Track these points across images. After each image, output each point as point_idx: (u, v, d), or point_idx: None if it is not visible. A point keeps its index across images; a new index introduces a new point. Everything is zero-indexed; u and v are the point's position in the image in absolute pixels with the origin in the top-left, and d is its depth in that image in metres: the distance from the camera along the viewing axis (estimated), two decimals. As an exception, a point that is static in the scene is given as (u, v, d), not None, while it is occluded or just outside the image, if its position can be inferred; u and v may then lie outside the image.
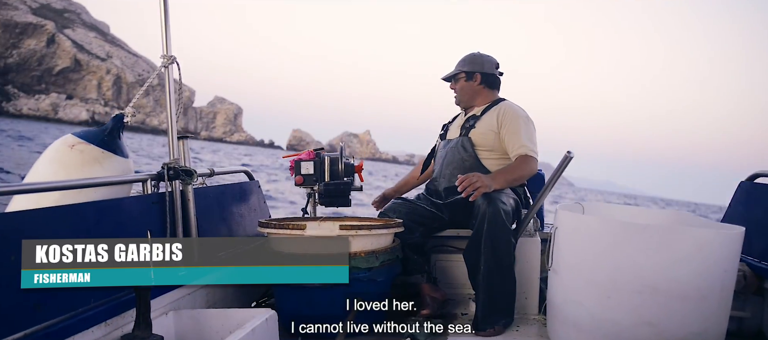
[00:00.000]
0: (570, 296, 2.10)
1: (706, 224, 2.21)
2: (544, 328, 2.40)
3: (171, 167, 2.23)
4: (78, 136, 2.18)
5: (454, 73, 2.83)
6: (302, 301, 2.32)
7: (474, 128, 2.74)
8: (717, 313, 1.92)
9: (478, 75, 2.79)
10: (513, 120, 2.66)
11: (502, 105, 2.75)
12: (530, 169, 2.61)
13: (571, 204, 2.40)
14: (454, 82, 2.85)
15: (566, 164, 2.34)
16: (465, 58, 2.84)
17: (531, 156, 2.61)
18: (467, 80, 2.80)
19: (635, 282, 1.91)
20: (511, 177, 2.60)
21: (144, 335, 1.83)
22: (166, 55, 2.23)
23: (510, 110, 2.71)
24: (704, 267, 1.86)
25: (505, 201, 2.48)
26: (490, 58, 2.84)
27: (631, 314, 1.92)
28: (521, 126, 2.65)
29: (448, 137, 2.86)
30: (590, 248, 2.03)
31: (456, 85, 2.84)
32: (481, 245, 2.43)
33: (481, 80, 2.80)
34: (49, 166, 2.12)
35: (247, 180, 3.16)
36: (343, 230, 2.31)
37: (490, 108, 2.77)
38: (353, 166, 2.88)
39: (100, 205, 1.96)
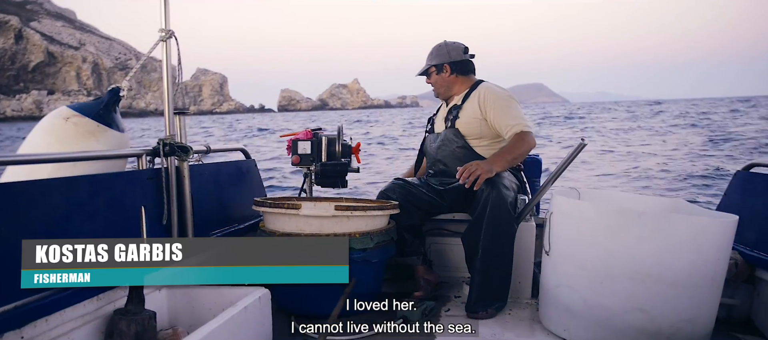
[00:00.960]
0: (563, 281, 2.11)
1: (701, 212, 2.22)
2: (537, 312, 2.42)
3: (167, 143, 2.22)
4: (73, 108, 2.16)
5: (425, 69, 2.84)
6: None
7: (458, 119, 2.73)
8: (708, 300, 1.93)
9: (446, 66, 2.79)
10: (495, 102, 2.65)
11: (481, 89, 2.73)
12: (528, 144, 2.59)
13: (567, 189, 2.40)
14: (427, 77, 2.86)
15: (578, 152, 2.32)
16: (432, 52, 2.84)
17: (526, 131, 2.59)
18: (438, 73, 2.81)
19: (628, 268, 1.92)
20: (511, 156, 2.58)
21: (136, 310, 1.83)
22: (165, 29, 2.20)
23: (489, 93, 2.69)
24: (697, 255, 1.87)
25: (508, 186, 2.49)
26: (456, 45, 2.83)
27: (624, 300, 1.93)
28: (506, 105, 2.64)
29: (436, 131, 2.86)
30: (584, 233, 2.03)
31: (430, 79, 2.86)
32: (481, 229, 2.43)
33: (452, 70, 2.79)
34: (43, 137, 2.10)
35: (244, 159, 3.15)
36: (338, 210, 2.30)
37: (470, 94, 2.75)
38: (350, 147, 2.87)
39: (95, 179, 1.95)
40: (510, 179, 2.61)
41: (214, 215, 2.64)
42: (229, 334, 1.77)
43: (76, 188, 1.84)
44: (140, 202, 2.08)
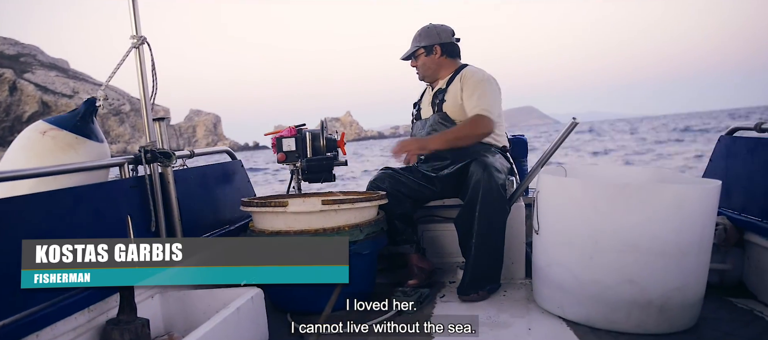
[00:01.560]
0: (553, 259, 2.12)
1: (684, 179, 2.23)
2: (531, 292, 2.43)
3: (148, 150, 2.20)
4: (49, 122, 2.13)
5: (413, 50, 2.81)
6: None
7: (445, 102, 2.72)
8: (697, 267, 1.94)
9: (437, 47, 2.77)
10: (472, 83, 2.65)
11: (464, 71, 2.73)
12: (480, 128, 2.57)
13: (554, 167, 2.41)
14: (414, 59, 2.82)
15: (571, 130, 2.33)
16: (421, 33, 2.81)
17: (484, 115, 2.57)
18: (427, 55, 2.78)
19: (616, 241, 1.93)
20: (454, 136, 2.59)
21: (129, 319, 1.82)
22: (136, 36, 2.17)
23: (469, 74, 2.70)
24: (683, 223, 1.87)
25: (499, 168, 2.49)
26: (445, 27, 2.81)
27: (613, 273, 1.94)
28: (479, 87, 2.63)
29: (422, 117, 2.84)
30: (571, 209, 2.04)
31: (417, 62, 2.82)
32: (475, 213, 2.43)
33: (442, 52, 2.78)
34: (20, 153, 2.08)
35: (230, 160, 3.13)
36: (325, 205, 2.30)
37: (454, 78, 2.75)
38: (335, 141, 2.86)
39: (77, 191, 1.93)
40: (501, 161, 2.61)
41: (202, 219, 2.63)
42: (223, 335, 1.77)
43: (58, 202, 1.83)
44: (126, 211, 2.07)
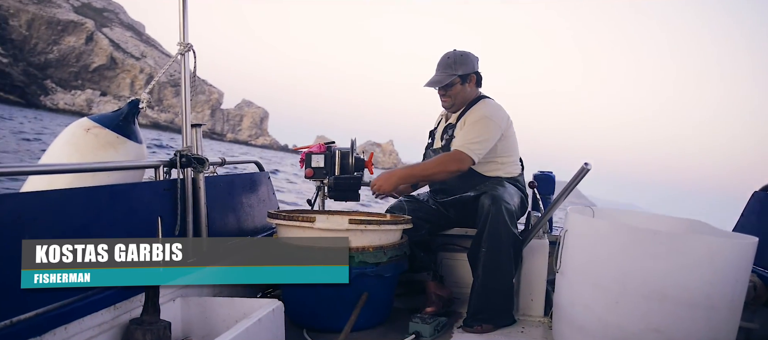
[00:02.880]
0: (577, 300, 2.09)
1: (719, 232, 2.19)
2: (550, 331, 2.40)
3: (183, 155, 2.24)
4: (93, 119, 2.20)
5: (450, 81, 2.63)
6: (309, 293, 2.32)
7: (455, 138, 2.65)
8: (726, 323, 1.90)
9: (473, 76, 2.68)
10: (472, 120, 2.59)
11: (474, 108, 2.65)
12: (455, 165, 2.51)
13: (582, 207, 2.39)
14: (448, 89, 2.66)
15: (582, 176, 2.31)
16: (454, 61, 2.66)
17: (463, 153, 2.51)
18: (462, 84, 2.66)
19: (644, 288, 1.89)
20: (425, 171, 2.59)
21: (152, 320, 1.84)
22: (183, 43, 2.23)
23: (475, 112, 2.61)
24: (715, 276, 1.84)
25: (509, 201, 2.47)
26: (473, 55, 2.71)
27: (639, 319, 1.91)
28: (475, 125, 2.57)
29: (434, 146, 2.81)
30: (599, 251, 2.01)
31: (451, 91, 2.66)
32: (481, 245, 2.43)
33: (476, 81, 2.71)
34: (64, 148, 2.14)
35: (258, 171, 3.17)
36: (352, 224, 2.31)
37: (465, 112, 2.67)
38: (363, 161, 2.88)
39: (113, 189, 1.97)
40: (511, 191, 2.57)
41: (228, 226, 2.66)
42: (244, 346, 1.77)
43: (95, 198, 1.87)
44: (157, 212, 2.10)
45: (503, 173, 2.70)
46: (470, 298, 2.48)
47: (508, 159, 2.71)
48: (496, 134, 2.59)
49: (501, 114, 2.65)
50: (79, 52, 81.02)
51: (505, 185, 2.62)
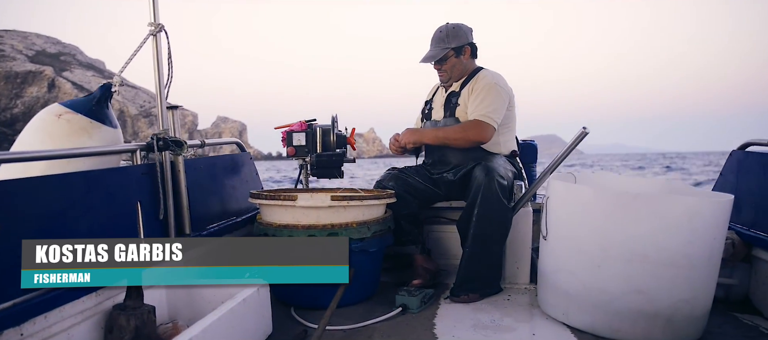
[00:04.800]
0: (561, 265, 2.12)
1: (696, 192, 2.22)
2: (535, 297, 2.42)
3: (160, 138, 2.20)
4: (65, 105, 2.14)
5: (443, 54, 2.66)
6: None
7: (459, 107, 2.67)
8: (705, 280, 1.94)
9: (467, 48, 2.69)
10: (481, 88, 2.61)
11: (478, 76, 2.68)
12: (473, 133, 2.55)
13: (563, 174, 2.40)
14: (442, 63, 2.68)
15: (580, 139, 2.31)
16: (448, 34, 2.67)
17: (484, 122, 2.54)
18: (457, 56, 2.68)
19: (625, 250, 1.92)
20: (445, 135, 2.61)
21: (135, 305, 1.83)
22: (154, 23, 2.18)
23: (482, 80, 2.64)
24: (693, 235, 1.87)
25: (503, 175, 2.48)
26: (467, 26, 2.72)
27: (621, 282, 1.94)
28: (483, 92, 2.59)
29: (433, 118, 2.79)
30: (581, 217, 2.03)
31: (446, 65, 2.68)
32: (473, 215, 2.44)
33: (471, 52, 2.72)
34: (35, 135, 2.08)
35: (239, 152, 3.14)
36: (334, 200, 2.30)
37: (468, 81, 2.69)
38: (345, 138, 2.86)
39: (89, 175, 1.93)
40: (505, 166, 2.59)
41: (210, 209, 2.63)
42: (229, 326, 1.77)
43: (70, 185, 1.83)
44: (136, 197, 2.07)
45: (504, 150, 2.71)
46: (459, 267, 2.50)
47: (509, 134, 2.73)
48: (506, 101, 2.64)
49: (507, 84, 2.68)
50: (43, 101, 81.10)
51: (500, 159, 2.62)
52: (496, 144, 2.69)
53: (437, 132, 2.64)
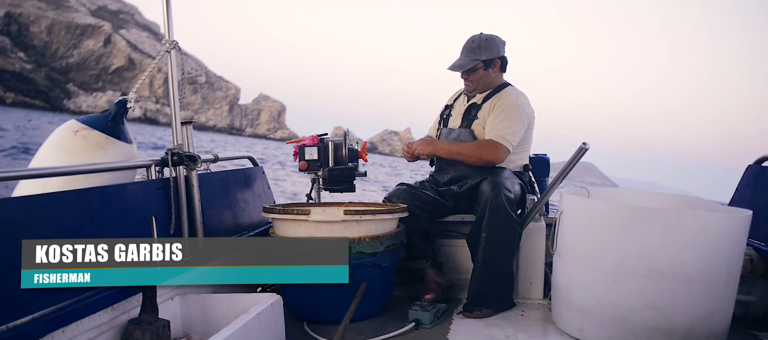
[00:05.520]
0: (575, 281, 2.10)
1: (713, 207, 2.20)
2: (549, 313, 2.40)
3: (175, 153, 2.23)
4: (81, 121, 2.18)
5: (472, 65, 2.63)
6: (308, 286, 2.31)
7: (477, 120, 2.65)
8: (723, 297, 1.91)
9: (497, 61, 2.66)
10: (503, 107, 2.58)
11: (502, 93, 2.65)
12: (492, 154, 2.54)
13: (576, 188, 2.39)
14: (470, 73, 2.66)
15: (581, 156, 2.31)
16: (480, 45, 2.64)
17: (500, 143, 2.53)
18: (486, 69, 2.64)
19: (641, 266, 1.90)
20: (458, 150, 2.59)
21: (151, 319, 1.84)
22: (169, 41, 2.21)
23: (505, 98, 2.61)
24: (710, 251, 1.85)
25: (509, 188, 2.47)
26: (500, 39, 2.69)
27: (637, 298, 1.92)
28: (508, 114, 2.56)
29: (450, 126, 2.78)
30: (596, 231, 2.02)
31: (473, 75, 2.66)
32: (481, 230, 2.43)
33: (500, 66, 2.69)
34: (53, 151, 2.12)
35: (252, 166, 3.16)
36: (347, 215, 2.30)
37: (491, 96, 2.66)
38: (357, 152, 2.87)
39: (105, 190, 1.96)
40: (512, 179, 2.57)
41: (223, 223, 2.65)
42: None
43: (87, 200, 1.86)
44: (150, 212, 2.09)
45: (513, 166, 2.69)
46: (470, 283, 2.48)
47: (523, 153, 2.71)
48: (526, 124, 2.62)
49: (529, 105, 2.66)
50: (98, 55, 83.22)
51: (507, 173, 2.60)
52: (508, 160, 2.65)
53: (451, 146, 2.63)
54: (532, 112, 2.68)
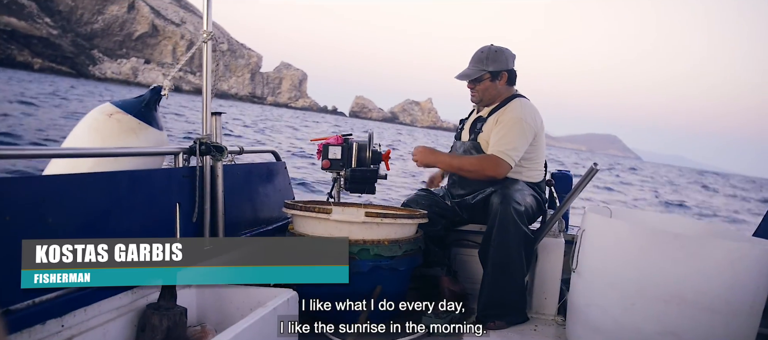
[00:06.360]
0: (593, 300, 2.08)
1: (739, 237, 2.16)
2: (562, 329, 2.38)
3: (203, 143, 2.26)
4: (116, 105, 2.22)
5: (478, 75, 2.63)
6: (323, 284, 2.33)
7: (482, 133, 2.64)
8: (745, 328, 1.88)
9: (504, 74, 2.64)
10: (506, 121, 2.56)
11: (508, 106, 2.62)
12: (493, 169, 2.51)
13: (598, 207, 2.37)
14: (476, 83, 2.65)
15: (591, 177, 2.30)
16: (488, 56, 2.63)
17: (501, 159, 2.50)
18: (492, 80, 2.63)
19: (662, 290, 1.88)
20: (460, 164, 2.60)
21: (169, 306, 1.87)
22: (207, 32, 2.24)
23: (510, 112, 2.58)
24: (735, 281, 1.82)
25: (519, 201, 2.44)
26: (510, 52, 2.68)
27: (656, 322, 1.89)
28: (510, 129, 2.54)
29: (462, 139, 2.78)
30: (617, 252, 2.00)
31: (479, 86, 2.65)
32: (490, 243, 2.43)
33: (508, 78, 2.67)
34: (87, 133, 2.17)
35: (275, 161, 3.18)
36: (368, 216, 2.31)
37: (497, 110, 2.64)
38: (380, 154, 2.88)
39: (133, 174, 1.99)
40: (523, 191, 2.54)
41: (244, 215, 2.68)
42: (258, 335, 1.79)
43: (115, 182, 1.89)
44: (175, 199, 2.12)
45: (524, 178, 2.66)
46: (480, 294, 2.48)
47: (532, 164, 2.67)
48: (530, 138, 2.57)
49: (535, 117, 2.61)
50: (122, 21, 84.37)
51: (519, 185, 2.58)
52: (517, 173, 2.62)
53: (452, 160, 2.63)
54: (540, 123, 2.63)
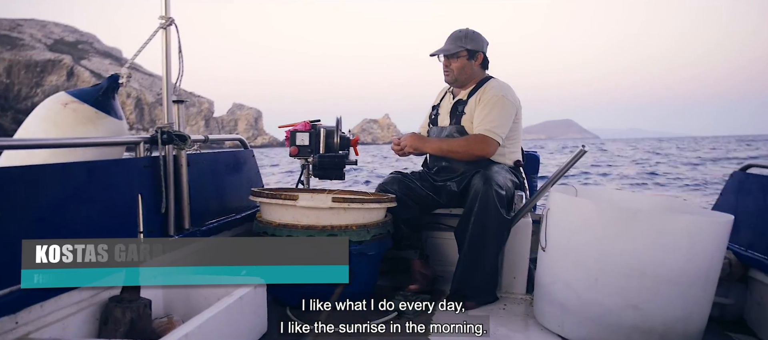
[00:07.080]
0: (558, 277, 2.12)
1: (696, 211, 2.23)
2: (531, 308, 2.43)
3: (164, 131, 2.21)
4: (72, 94, 2.14)
5: (456, 50, 2.65)
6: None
7: (464, 115, 2.67)
8: (701, 298, 1.94)
9: (480, 55, 2.69)
10: (488, 100, 2.60)
11: (486, 86, 2.66)
12: (481, 149, 2.56)
13: (564, 186, 2.41)
14: (452, 59, 2.67)
15: (578, 158, 2.32)
16: (466, 35, 2.67)
17: (489, 137, 2.55)
18: (469, 59, 2.67)
19: (623, 266, 1.92)
20: (449, 147, 2.61)
21: (132, 298, 1.83)
22: (165, 17, 2.18)
23: (490, 91, 2.63)
24: (692, 253, 1.87)
25: (501, 184, 2.48)
26: (485, 38, 2.73)
27: (618, 297, 1.94)
28: (493, 106, 2.58)
29: (439, 124, 2.79)
30: (581, 230, 2.04)
31: (455, 62, 2.67)
32: (469, 223, 2.44)
33: (482, 61, 2.71)
34: (40, 123, 2.09)
35: (242, 149, 3.14)
36: (335, 202, 2.30)
37: (476, 91, 2.68)
38: (349, 140, 2.87)
39: (92, 165, 1.94)
40: (504, 176, 2.57)
41: (211, 205, 2.64)
42: (224, 324, 1.77)
43: (72, 174, 1.84)
44: (137, 190, 2.07)
45: (508, 160, 2.70)
46: (454, 274, 2.50)
47: (512, 144, 2.71)
48: (513, 115, 2.62)
49: (514, 95, 2.67)
50: (63, 89, 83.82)
51: (499, 168, 2.61)
52: (500, 154, 2.68)
53: (441, 143, 2.64)
54: (518, 101, 2.68)
